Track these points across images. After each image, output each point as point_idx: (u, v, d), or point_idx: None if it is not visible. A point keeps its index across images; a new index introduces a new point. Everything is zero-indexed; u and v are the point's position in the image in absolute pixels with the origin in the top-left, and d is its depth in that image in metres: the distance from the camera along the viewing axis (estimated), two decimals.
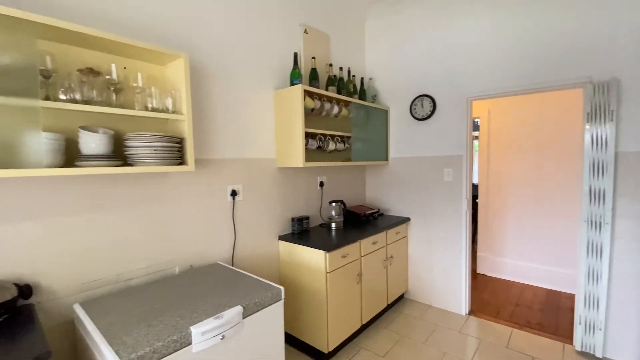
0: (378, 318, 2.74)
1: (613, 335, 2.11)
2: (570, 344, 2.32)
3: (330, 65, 2.55)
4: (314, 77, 2.34)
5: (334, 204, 2.60)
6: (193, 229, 1.86)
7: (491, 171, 3.68)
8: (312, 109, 2.33)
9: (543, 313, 2.81)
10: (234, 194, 2.05)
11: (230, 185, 2.05)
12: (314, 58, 2.42)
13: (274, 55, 2.31)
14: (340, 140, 2.63)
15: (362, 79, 2.93)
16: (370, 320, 2.61)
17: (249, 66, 2.14)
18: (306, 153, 2.43)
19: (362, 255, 2.38)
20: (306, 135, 2.28)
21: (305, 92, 2.19)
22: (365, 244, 2.41)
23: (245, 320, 1.33)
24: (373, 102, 2.99)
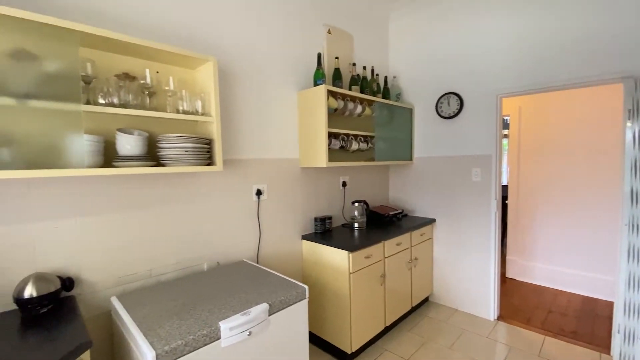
0: (402, 320, 2.70)
1: None
2: (608, 353, 2.19)
3: (353, 64, 2.54)
4: (337, 77, 2.34)
5: (356, 204, 2.59)
6: (220, 227, 1.92)
7: (522, 171, 3.53)
8: (335, 109, 2.33)
9: (578, 321, 2.66)
10: (258, 193, 2.09)
11: (255, 185, 2.09)
12: (337, 58, 2.42)
13: (298, 56, 2.33)
14: (363, 139, 2.62)
15: (386, 78, 2.89)
16: (394, 322, 2.58)
17: (273, 67, 2.17)
18: (329, 153, 2.43)
19: (386, 256, 2.36)
20: (329, 135, 2.28)
21: (329, 92, 2.20)
22: (389, 245, 2.38)
23: (271, 318, 1.36)
24: (397, 101, 2.95)
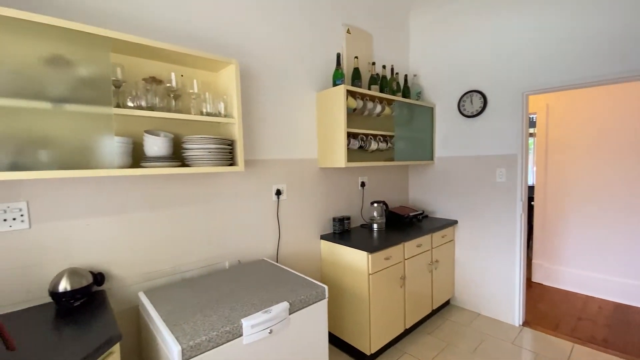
0: (422, 323, 2.65)
1: None
2: None
3: (372, 63, 2.52)
4: (356, 77, 2.33)
5: (375, 204, 2.56)
6: (241, 225, 1.95)
7: (549, 171, 3.38)
8: (354, 109, 2.32)
9: (610, 329, 2.52)
10: (278, 193, 2.12)
11: (275, 185, 2.11)
12: (356, 57, 2.41)
13: (317, 56, 2.34)
14: (382, 139, 2.59)
15: (406, 76, 2.85)
16: (414, 325, 2.54)
17: (293, 69, 2.19)
18: (348, 153, 2.42)
19: (406, 258, 2.32)
20: (348, 135, 2.27)
21: (348, 92, 2.19)
22: (409, 247, 2.35)
23: (291, 316, 1.37)
24: (417, 100, 2.90)
